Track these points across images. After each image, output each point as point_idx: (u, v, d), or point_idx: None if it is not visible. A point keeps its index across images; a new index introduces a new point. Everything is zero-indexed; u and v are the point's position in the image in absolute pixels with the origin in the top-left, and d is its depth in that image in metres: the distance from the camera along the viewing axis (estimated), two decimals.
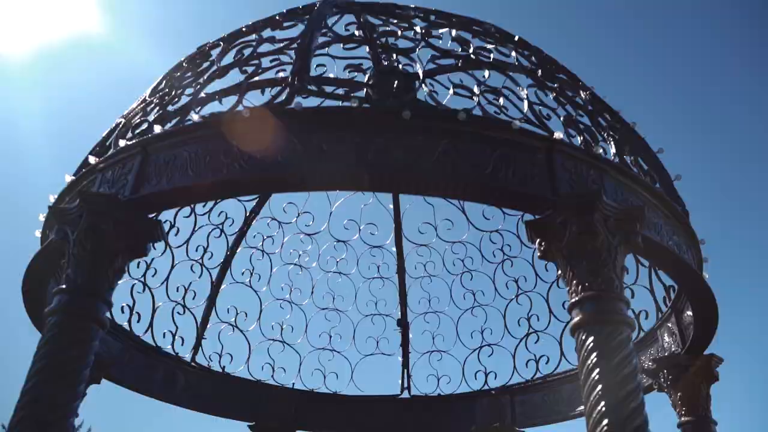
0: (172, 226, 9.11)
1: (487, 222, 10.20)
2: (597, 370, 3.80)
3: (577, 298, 4.07)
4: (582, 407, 8.59)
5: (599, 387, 3.75)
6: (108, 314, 4.47)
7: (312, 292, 10.69)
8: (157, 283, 8.98)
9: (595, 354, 3.84)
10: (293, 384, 10.15)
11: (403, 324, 10.64)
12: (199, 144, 4.56)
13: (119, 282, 8.22)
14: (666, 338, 7.08)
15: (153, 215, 4.84)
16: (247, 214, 10.11)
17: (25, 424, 3.75)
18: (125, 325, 8.36)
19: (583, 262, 4.11)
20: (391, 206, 10.56)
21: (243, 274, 10.24)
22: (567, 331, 9.15)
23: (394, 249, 10.75)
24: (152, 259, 8.90)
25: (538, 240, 4.46)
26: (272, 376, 10.05)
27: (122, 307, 8.38)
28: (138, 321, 8.57)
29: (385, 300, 10.79)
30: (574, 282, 4.15)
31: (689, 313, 6.69)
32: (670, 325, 7.08)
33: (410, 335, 10.65)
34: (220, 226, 9.80)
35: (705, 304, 5.47)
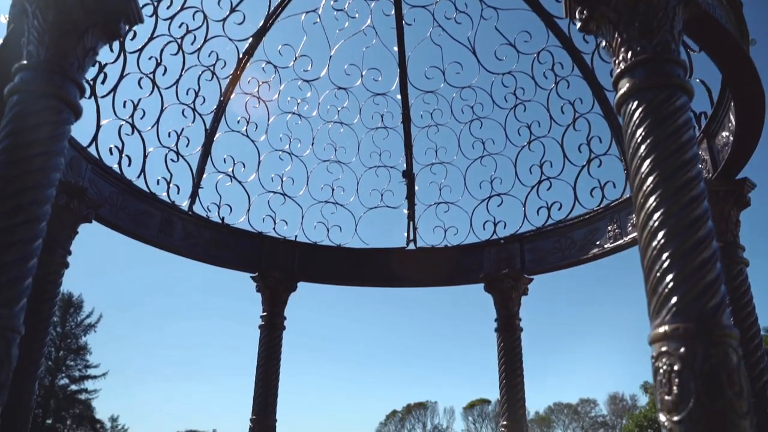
0: (158, 64, 8.37)
1: (499, 63, 9.45)
2: (648, 141, 3.26)
3: (626, 65, 3.47)
4: (595, 250, 8.41)
5: (649, 160, 3.23)
6: (80, 99, 3.86)
7: (312, 143, 10.14)
8: (147, 126, 8.39)
9: (645, 124, 3.30)
10: (296, 236, 9.87)
11: (409, 175, 10.18)
12: None
13: (107, 121, 7.98)
14: None
15: None
16: (240, 56, 9.32)
17: None
18: (115, 167, 7.88)
19: (635, 24, 3.48)
20: (396, 48, 9.76)
21: (239, 122, 9.63)
22: (581, 175, 8.80)
23: (399, 96, 10.08)
24: (139, 99, 8.25)
25: (578, 9, 3.80)
26: (273, 228, 9.75)
27: (110, 149, 7.86)
28: (129, 165, 8.09)
29: (390, 151, 10.29)
30: (623, 49, 3.53)
31: (725, 133, 6.19)
32: (699, 152, 6.58)
33: (416, 187, 10.23)
34: (212, 68, 9.05)
35: (752, 100, 4.89)
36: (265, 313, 9.17)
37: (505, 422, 8.37)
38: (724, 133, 6.14)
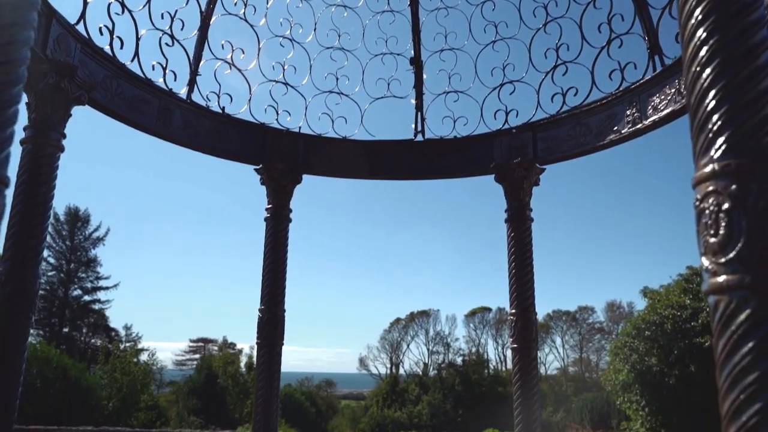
0: None
1: None
2: None
3: None
4: (612, 136, 8.07)
5: None
6: None
7: (315, 29, 9.56)
8: (137, 5, 7.84)
9: None
10: (299, 128, 9.50)
11: (417, 63, 9.68)
12: None
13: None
14: None
15: None
16: None
17: None
18: (106, 49, 7.41)
19: None
20: None
21: (236, 4, 9.02)
22: (600, 57, 8.32)
23: None
24: None
25: None
26: (276, 119, 9.37)
27: (100, 28, 7.37)
28: (121, 47, 7.62)
29: (397, 37, 9.72)
30: None
31: None
32: None
33: (424, 75, 9.75)
34: None
35: None
36: (270, 206, 8.97)
37: (514, 311, 8.34)
38: None
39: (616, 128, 8.02)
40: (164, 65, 8.16)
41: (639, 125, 7.71)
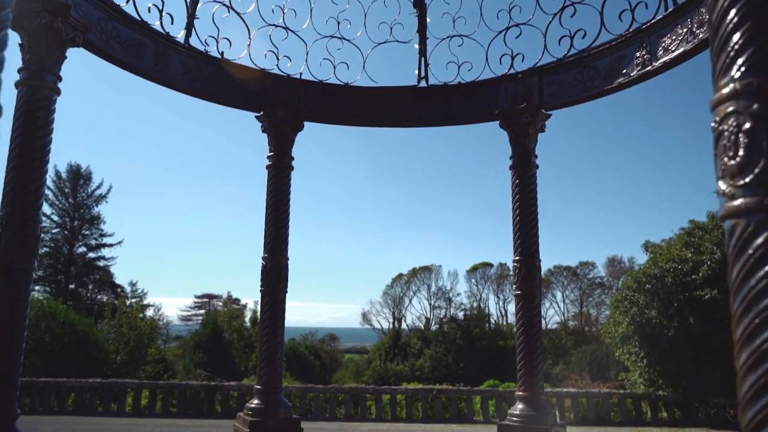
0: None
1: None
2: None
3: None
4: (621, 79, 7.87)
5: None
6: None
7: None
8: None
9: None
10: (300, 74, 9.30)
11: (420, 6, 9.40)
12: None
13: None
14: None
15: None
16: None
17: None
18: None
19: None
20: None
21: None
22: None
23: None
24: None
25: None
26: (277, 65, 9.16)
27: None
28: None
29: None
30: None
31: None
32: None
33: (428, 19, 9.49)
34: None
35: None
36: (271, 153, 8.87)
37: (518, 258, 8.32)
38: None
39: (624, 71, 7.82)
40: (160, 7, 7.92)
41: (649, 67, 7.51)
